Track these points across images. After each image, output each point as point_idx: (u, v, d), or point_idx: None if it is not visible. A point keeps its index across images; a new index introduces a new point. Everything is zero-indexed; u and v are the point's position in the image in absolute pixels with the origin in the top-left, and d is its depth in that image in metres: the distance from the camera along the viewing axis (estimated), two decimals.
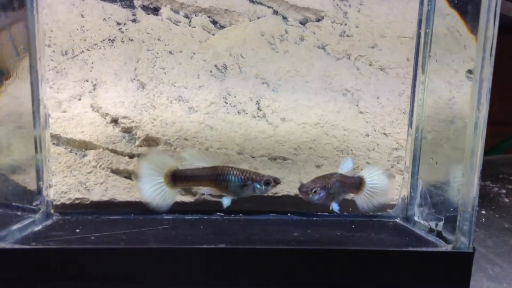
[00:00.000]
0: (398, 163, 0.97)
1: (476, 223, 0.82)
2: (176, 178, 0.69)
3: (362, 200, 0.73)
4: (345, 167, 0.73)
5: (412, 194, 0.86)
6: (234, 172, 0.70)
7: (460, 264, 0.71)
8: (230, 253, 0.69)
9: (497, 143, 2.02)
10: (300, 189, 0.70)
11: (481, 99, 0.65)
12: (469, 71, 0.66)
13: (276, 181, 0.70)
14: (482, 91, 0.64)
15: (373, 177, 0.75)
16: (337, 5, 1.03)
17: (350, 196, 0.79)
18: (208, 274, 0.68)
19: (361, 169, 0.81)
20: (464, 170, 0.68)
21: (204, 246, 0.69)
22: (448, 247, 0.74)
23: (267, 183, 0.70)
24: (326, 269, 0.70)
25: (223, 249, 0.69)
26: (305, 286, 0.69)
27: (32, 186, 0.78)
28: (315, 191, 0.68)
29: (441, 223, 0.77)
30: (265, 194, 0.72)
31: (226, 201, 0.71)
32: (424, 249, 0.73)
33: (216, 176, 0.70)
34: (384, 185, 0.75)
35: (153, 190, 0.67)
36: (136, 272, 0.66)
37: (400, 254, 0.71)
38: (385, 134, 0.97)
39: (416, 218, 0.85)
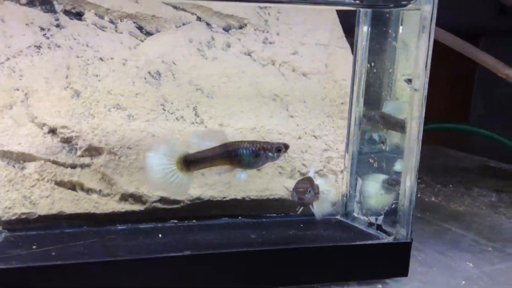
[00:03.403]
0: (328, 163, 1.27)
1: None
2: (189, 162, 0.87)
3: (318, 204, 1.00)
4: (311, 173, 1.00)
5: (351, 192, 1.15)
6: (245, 145, 0.91)
7: (400, 253, 1.03)
8: (198, 259, 0.91)
9: None
10: (296, 189, 0.95)
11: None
12: (409, 80, 0.98)
13: (286, 147, 0.94)
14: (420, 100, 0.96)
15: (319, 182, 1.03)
16: (258, 13, 1.31)
17: None
18: (179, 281, 0.89)
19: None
20: (403, 167, 0.99)
21: (172, 254, 0.90)
22: (389, 239, 1.04)
23: (278, 150, 0.92)
24: (290, 267, 0.96)
25: (191, 255, 0.90)
26: (273, 284, 0.94)
27: None
28: (309, 191, 0.93)
29: (381, 217, 1.07)
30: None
31: (243, 176, 0.91)
32: (370, 241, 1.03)
33: (228, 153, 0.89)
34: (329, 188, 1.03)
35: (167, 179, 0.85)
36: (110, 286, 0.84)
37: (352, 248, 1.01)
38: (314, 136, 1.27)
39: (355, 214, 1.15)
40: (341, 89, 1.35)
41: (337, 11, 1.42)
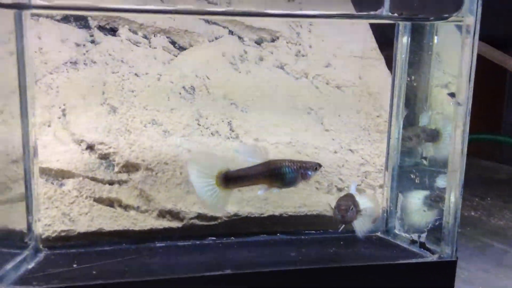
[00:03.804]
0: (366, 177, 1.28)
1: None
2: (229, 179, 0.88)
3: (360, 222, 1.00)
4: (352, 190, 1.01)
5: (392, 208, 1.15)
6: (287, 163, 0.92)
7: (445, 272, 1.03)
8: (238, 279, 0.92)
9: None
10: (338, 206, 0.96)
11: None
12: (452, 94, 0.98)
13: (320, 165, 0.96)
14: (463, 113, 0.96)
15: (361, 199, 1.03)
16: (290, 25, 1.33)
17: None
18: None
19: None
20: (447, 183, 0.99)
21: (213, 273, 0.91)
22: (434, 257, 1.04)
23: (315, 169, 0.95)
24: (332, 286, 0.96)
25: (231, 275, 0.91)
26: None
27: (21, 220, 0.91)
28: (351, 209, 0.93)
29: (424, 235, 1.06)
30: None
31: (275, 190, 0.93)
32: (414, 260, 1.03)
33: (271, 171, 0.91)
34: (371, 205, 1.04)
35: (204, 192, 0.86)
36: None
37: (396, 267, 1.01)
38: (351, 150, 1.27)
39: (396, 231, 1.15)
40: (376, 102, 1.36)
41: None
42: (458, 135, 0.97)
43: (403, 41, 1.10)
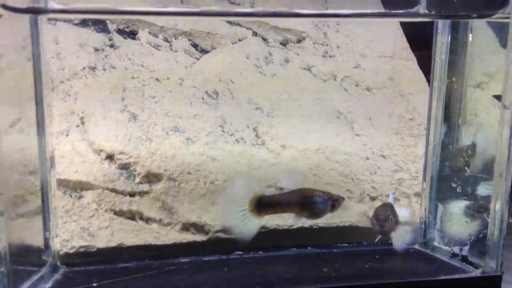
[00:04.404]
0: (400, 185, 1.21)
1: None
2: (262, 205, 0.84)
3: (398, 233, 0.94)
4: (390, 199, 0.95)
5: (430, 218, 1.09)
6: (318, 193, 0.89)
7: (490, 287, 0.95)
8: None
9: None
10: (377, 216, 0.90)
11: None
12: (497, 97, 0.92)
13: (344, 199, 0.94)
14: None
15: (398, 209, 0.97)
16: (316, 25, 1.27)
17: None
18: None
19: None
20: (493, 194, 0.92)
21: None
22: (477, 272, 0.97)
23: (341, 202, 0.93)
24: None
25: None
26: None
27: (37, 235, 0.86)
28: (391, 219, 0.88)
29: (466, 248, 0.99)
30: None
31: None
32: (457, 276, 0.96)
33: (304, 199, 0.87)
34: (409, 215, 0.97)
35: (235, 218, 0.81)
36: None
37: (437, 283, 0.94)
38: (383, 156, 1.21)
39: (436, 244, 1.08)
40: (409, 104, 1.30)
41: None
42: (505, 140, 0.91)
43: (443, 40, 1.04)
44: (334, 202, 0.92)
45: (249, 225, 0.85)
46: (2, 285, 0.75)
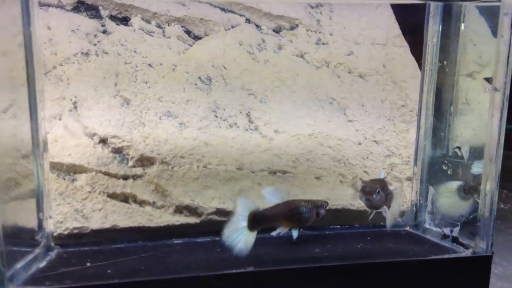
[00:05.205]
0: (392, 169, 1.22)
1: None
2: (255, 220, 0.86)
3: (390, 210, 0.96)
4: (381, 176, 0.96)
5: (421, 201, 1.10)
6: (303, 203, 0.92)
7: (480, 268, 0.97)
8: (261, 276, 0.87)
9: None
10: (364, 189, 0.90)
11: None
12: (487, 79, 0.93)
13: (327, 203, 0.98)
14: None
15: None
16: (309, 12, 1.28)
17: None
18: None
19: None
20: (483, 175, 0.94)
21: (234, 271, 0.86)
22: (468, 252, 0.99)
23: (325, 207, 0.96)
24: (360, 284, 0.92)
25: (254, 272, 0.87)
26: None
27: (31, 217, 0.87)
28: (378, 192, 0.89)
29: (456, 229, 1.01)
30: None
31: (295, 234, 0.94)
32: (447, 256, 0.97)
33: (291, 211, 0.91)
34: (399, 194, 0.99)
35: (236, 236, 0.85)
36: None
37: (428, 263, 0.95)
38: (375, 141, 1.22)
39: (427, 225, 1.09)
40: (401, 91, 1.31)
41: (392, 6, 1.38)
42: (495, 122, 0.92)
43: (434, 24, 1.05)
44: (318, 209, 0.96)
45: (246, 240, 0.87)
46: None
